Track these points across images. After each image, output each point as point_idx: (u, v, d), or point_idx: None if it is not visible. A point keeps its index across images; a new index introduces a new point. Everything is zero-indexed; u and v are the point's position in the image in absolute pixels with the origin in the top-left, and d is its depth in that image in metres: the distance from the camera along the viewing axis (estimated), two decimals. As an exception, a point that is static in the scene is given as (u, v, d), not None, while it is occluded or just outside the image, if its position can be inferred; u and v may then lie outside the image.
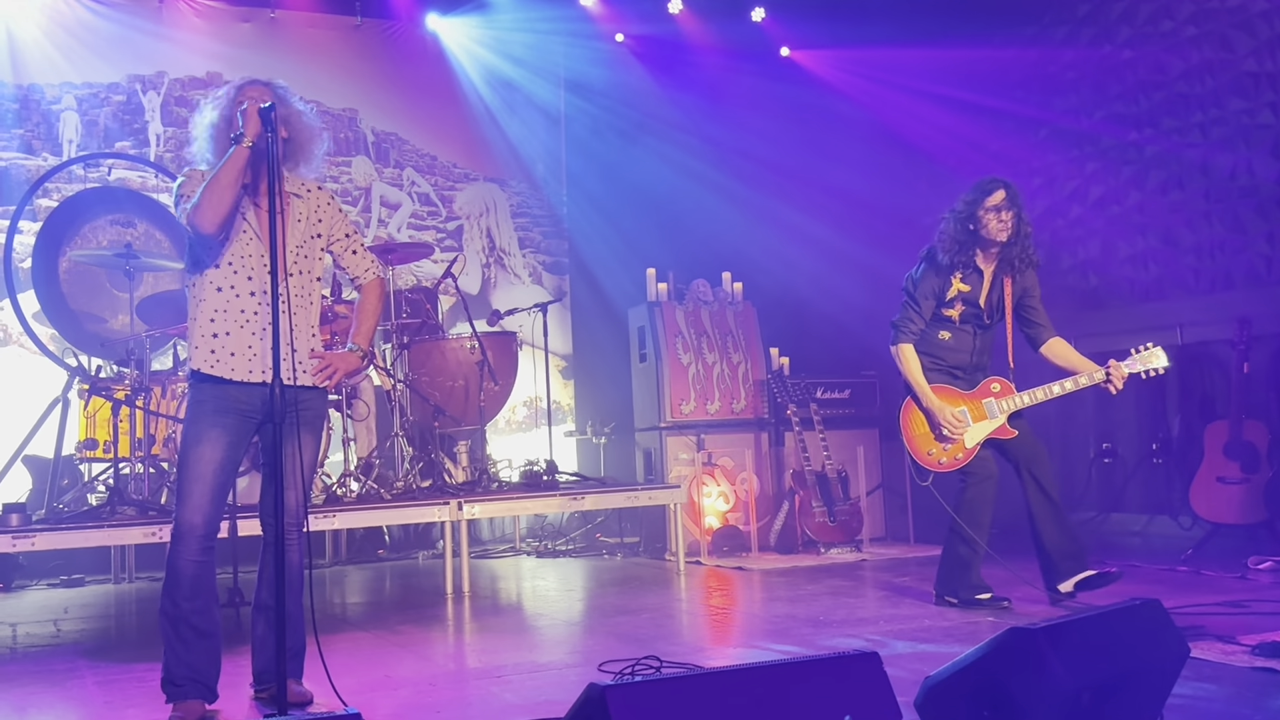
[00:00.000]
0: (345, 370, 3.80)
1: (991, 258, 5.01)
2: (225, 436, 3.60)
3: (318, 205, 3.82)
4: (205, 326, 3.62)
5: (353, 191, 9.29)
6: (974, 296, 5.02)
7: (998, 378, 5.03)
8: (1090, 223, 7.92)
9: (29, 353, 8.05)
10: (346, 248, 3.89)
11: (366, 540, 8.18)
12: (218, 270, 3.62)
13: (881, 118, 8.98)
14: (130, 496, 6.15)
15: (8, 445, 7.36)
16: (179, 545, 3.56)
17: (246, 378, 3.60)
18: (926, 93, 8.61)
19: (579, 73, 9.88)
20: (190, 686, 3.56)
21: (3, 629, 5.65)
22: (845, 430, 7.60)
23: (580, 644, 4.81)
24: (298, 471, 3.66)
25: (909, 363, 5.00)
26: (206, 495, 3.57)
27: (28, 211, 8.14)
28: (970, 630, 4.49)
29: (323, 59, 9.13)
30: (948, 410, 4.94)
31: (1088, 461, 7.93)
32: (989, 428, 4.98)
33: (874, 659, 2.53)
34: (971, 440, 4.97)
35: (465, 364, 7.24)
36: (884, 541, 7.57)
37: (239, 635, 4.94)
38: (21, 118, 8.26)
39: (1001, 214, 4.91)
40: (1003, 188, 4.94)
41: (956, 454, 4.99)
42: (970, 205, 4.98)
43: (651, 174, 9.32)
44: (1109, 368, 4.93)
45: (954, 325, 5.05)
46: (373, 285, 3.95)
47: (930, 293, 5.03)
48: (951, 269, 5.01)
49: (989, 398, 5.00)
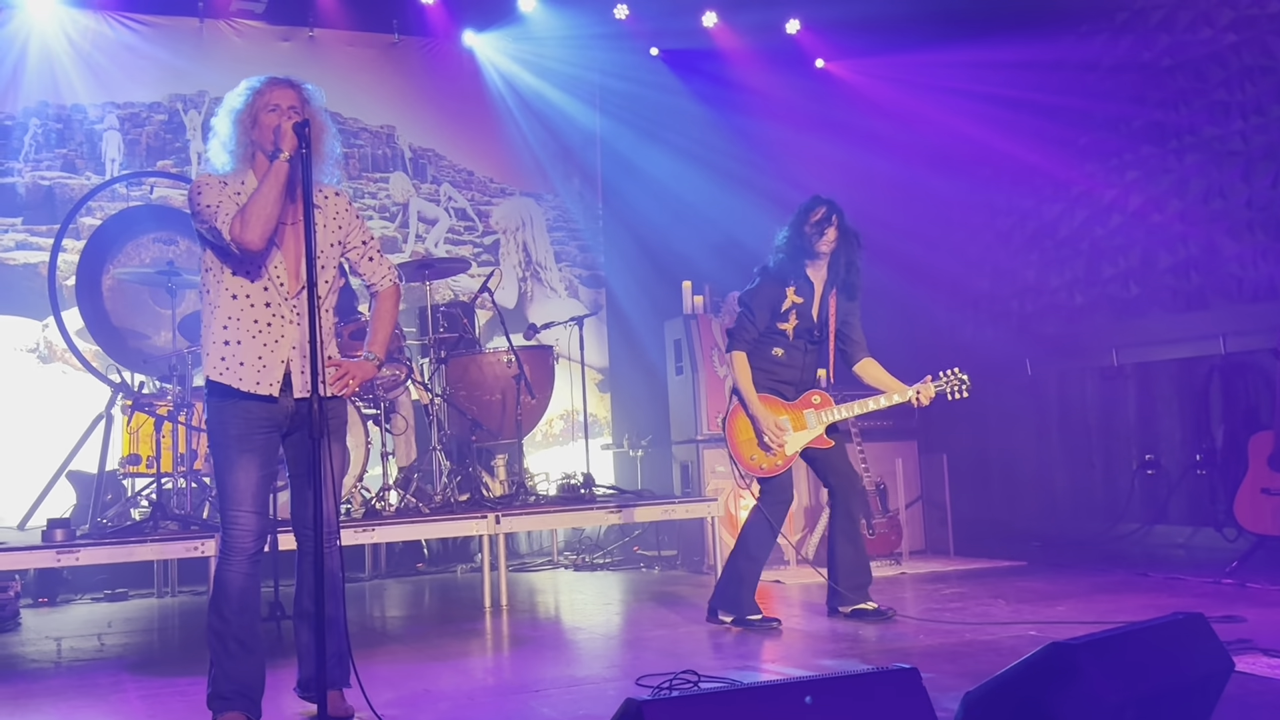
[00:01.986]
0: (362, 378, 3.78)
1: (820, 270, 5.26)
2: (256, 458, 3.61)
3: (336, 212, 3.79)
4: (218, 333, 3.61)
5: (390, 207, 9.36)
6: (807, 308, 5.25)
7: (818, 390, 5.29)
8: (1130, 232, 7.86)
9: (73, 369, 8.16)
10: (363, 254, 3.86)
11: (405, 554, 8.22)
12: (234, 278, 3.61)
13: (918, 129, 8.94)
14: (173, 511, 6.21)
15: (52, 461, 7.46)
16: (227, 561, 3.59)
17: (254, 389, 3.59)
18: (962, 103, 8.57)
19: (614, 87, 9.90)
20: (236, 700, 3.59)
21: (48, 643, 5.72)
22: (883, 443, 7.55)
23: (618, 658, 4.81)
24: (328, 481, 3.68)
25: (740, 370, 5.22)
26: (250, 515, 3.59)
27: (71, 230, 8.25)
28: (1012, 645, 4.45)
29: (361, 77, 9.22)
30: (770, 418, 5.16)
31: (1130, 473, 7.84)
32: (808, 437, 5.23)
33: (913, 674, 2.52)
34: (791, 448, 5.21)
35: (502, 378, 7.27)
36: (924, 555, 7.52)
37: (279, 649, 4.98)
38: (65, 137, 8.38)
39: (824, 228, 5.19)
40: (824, 205, 5.24)
41: (777, 461, 5.20)
42: (797, 223, 5.26)
43: (687, 187, 9.32)
44: (919, 386, 5.19)
45: (787, 342, 5.26)
46: (389, 292, 3.92)
47: (765, 304, 5.24)
48: (786, 281, 5.23)
49: (809, 409, 5.24)
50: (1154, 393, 7.78)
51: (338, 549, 3.78)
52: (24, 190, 8.24)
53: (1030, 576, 6.47)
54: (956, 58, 8.45)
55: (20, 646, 5.66)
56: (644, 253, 9.55)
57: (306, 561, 3.71)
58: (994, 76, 8.36)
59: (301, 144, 3.45)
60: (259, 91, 3.63)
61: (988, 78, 8.39)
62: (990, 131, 8.49)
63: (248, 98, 3.64)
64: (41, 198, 8.29)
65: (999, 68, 8.31)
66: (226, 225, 3.51)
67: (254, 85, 3.66)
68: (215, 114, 3.73)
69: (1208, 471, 7.28)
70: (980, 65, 8.37)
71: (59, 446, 7.49)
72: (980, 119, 8.51)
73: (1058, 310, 8.45)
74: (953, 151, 8.84)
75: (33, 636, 5.94)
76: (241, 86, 3.69)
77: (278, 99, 3.60)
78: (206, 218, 3.55)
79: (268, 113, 3.58)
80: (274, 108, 3.59)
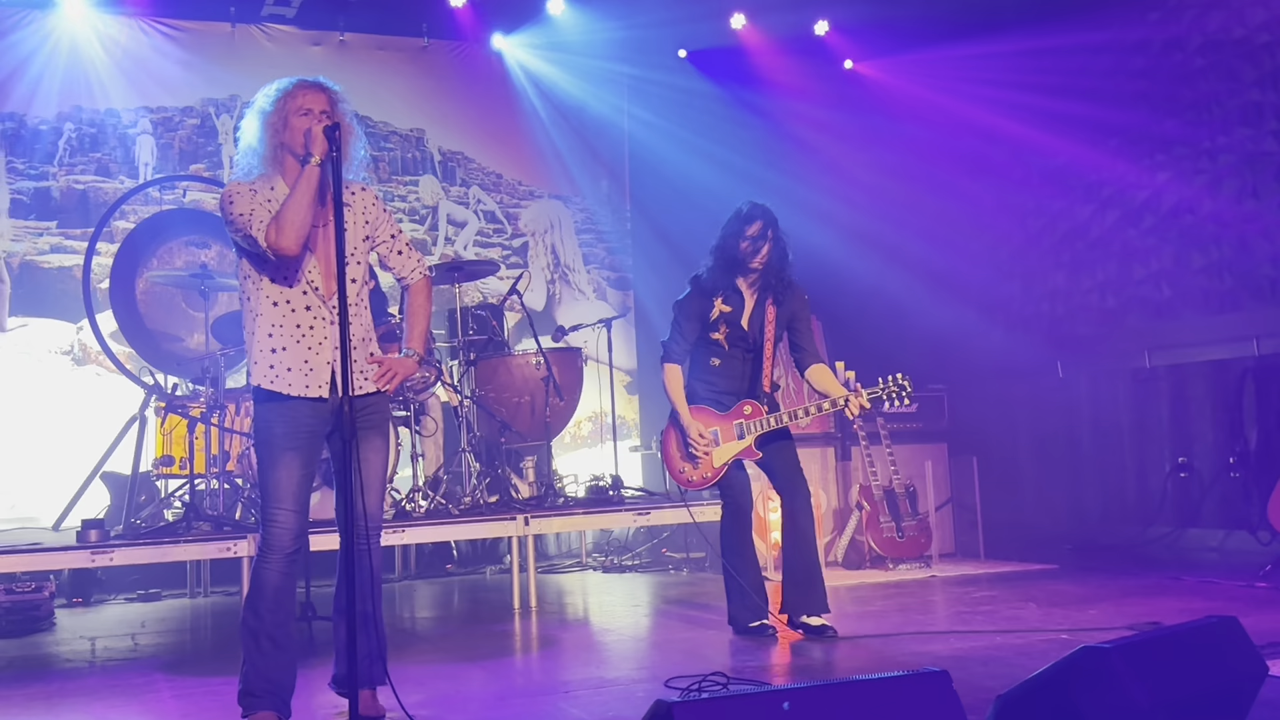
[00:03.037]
0: (404, 374, 3.79)
1: (752, 282, 5.16)
2: (299, 457, 3.64)
3: (365, 207, 3.81)
4: (264, 342, 3.64)
5: (420, 210, 9.40)
6: (735, 318, 5.14)
7: (750, 401, 5.12)
8: (1163, 234, 7.80)
9: (107, 371, 8.24)
10: (393, 248, 3.88)
11: (435, 555, 8.25)
12: (273, 285, 3.64)
13: (948, 130, 8.91)
14: (205, 512, 6.26)
15: (87, 462, 7.54)
16: (266, 560, 3.63)
17: (304, 393, 3.63)
18: (992, 99, 8.53)
19: (641, 89, 9.91)
20: (267, 698, 3.61)
21: (82, 643, 5.78)
22: (913, 445, 7.53)
23: (647, 659, 4.82)
24: (371, 477, 3.72)
25: (669, 381, 5.15)
26: (290, 515, 3.62)
27: (105, 234, 8.34)
28: (1044, 649, 4.42)
29: (391, 80, 9.27)
30: (694, 428, 5.07)
31: (1163, 476, 7.78)
32: (736, 448, 5.08)
33: (944, 678, 2.51)
34: (719, 460, 5.08)
35: (531, 380, 7.29)
36: (954, 558, 7.49)
37: (311, 649, 5.02)
38: (99, 142, 8.47)
39: (757, 242, 5.06)
40: (760, 219, 5.09)
41: (705, 472, 5.10)
42: (731, 234, 5.13)
43: (715, 188, 9.30)
44: (850, 394, 5.02)
45: (723, 351, 5.16)
46: (420, 285, 3.93)
47: (693, 314, 5.16)
48: (714, 292, 5.14)
49: (740, 419, 5.10)
50: (1187, 395, 7.72)
51: (378, 547, 3.81)
52: (58, 194, 8.33)
53: (1061, 580, 6.43)
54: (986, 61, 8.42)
55: (55, 646, 5.72)
56: (672, 255, 9.53)
57: (345, 560, 3.73)
58: (1024, 78, 8.32)
59: (332, 148, 3.48)
60: (289, 94, 3.65)
61: (1017, 79, 8.35)
62: (1021, 133, 8.45)
63: (277, 100, 3.65)
64: (76, 202, 8.38)
65: (1029, 69, 8.27)
66: (261, 233, 3.53)
67: (283, 87, 3.68)
68: (245, 115, 3.75)
69: (1241, 474, 7.22)
70: (1010, 66, 8.33)
71: (93, 448, 7.56)
72: (1011, 121, 8.47)
73: (1089, 312, 8.40)
74: (983, 153, 8.81)
75: (67, 636, 6.00)
76: (271, 89, 3.70)
77: (308, 103, 3.62)
78: (241, 226, 3.57)
79: (298, 116, 3.61)
80: (305, 111, 3.61)
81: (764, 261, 5.09)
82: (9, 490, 7.83)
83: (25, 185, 8.24)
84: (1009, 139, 8.55)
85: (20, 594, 6.30)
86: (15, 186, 8.21)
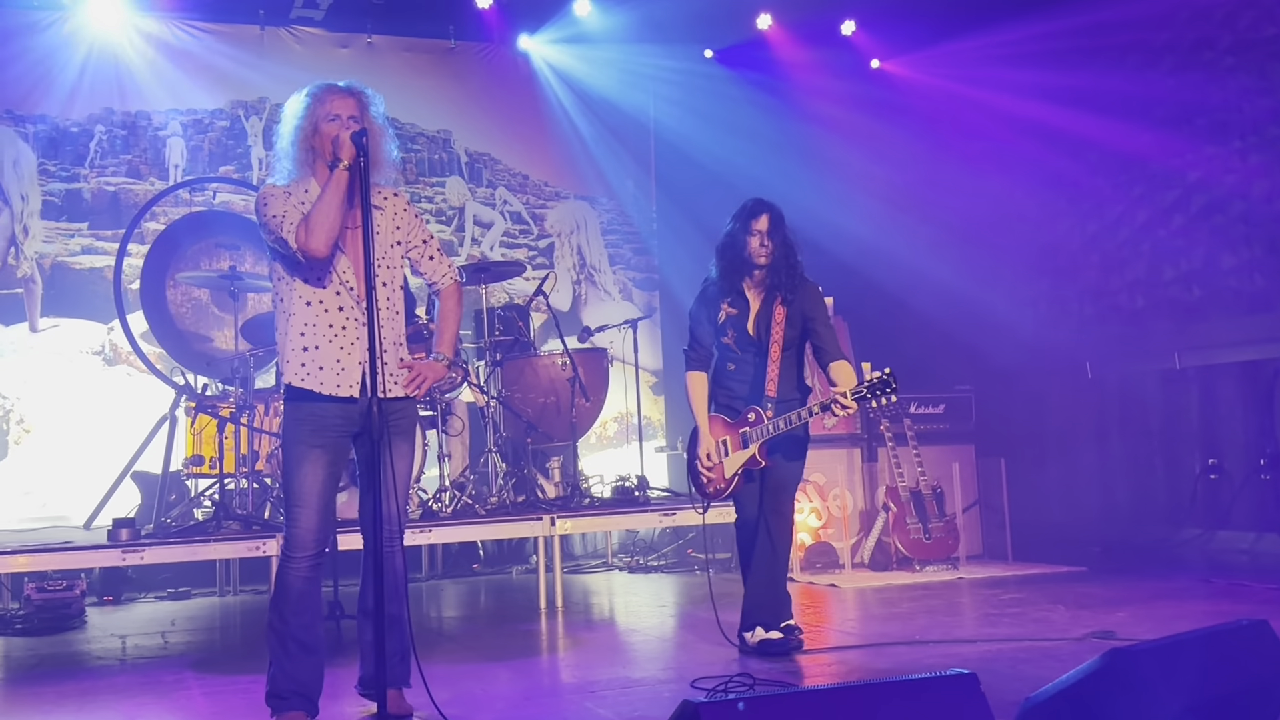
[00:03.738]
0: (434, 379, 3.83)
1: (758, 281, 4.91)
2: (325, 456, 3.67)
3: (396, 213, 3.85)
4: (296, 340, 3.68)
5: (447, 211, 9.44)
6: (741, 322, 4.90)
7: (754, 408, 4.84)
8: (1192, 234, 7.74)
9: (138, 371, 8.32)
10: (424, 253, 3.92)
11: (461, 555, 8.28)
12: (306, 285, 3.68)
13: (976, 129, 8.87)
14: (235, 511, 6.31)
15: (118, 462, 7.61)
16: (289, 562, 3.65)
17: (335, 392, 3.66)
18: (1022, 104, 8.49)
19: (668, 89, 9.91)
20: (295, 700, 3.64)
21: (113, 640, 5.83)
22: (940, 446, 7.49)
23: (673, 660, 4.82)
24: (396, 480, 3.74)
25: (690, 389, 4.97)
26: (314, 514, 3.65)
27: (136, 235, 8.41)
28: (1072, 651, 4.40)
29: (418, 82, 9.30)
30: (704, 446, 4.89)
31: (1193, 477, 7.72)
32: (744, 457, 4.85)
33: (972, 680, 2.50)
34: (729, 469, 4.87)
35: (557, 380, 7.31)
36: (981, 559, 7.45)
37: (338, 649, 5.04)
38: (129, 144, 8.55)
39: (765, 238, 4.83)
40: (767, 211, 4.87)
41: (719, 484, 4.91)
42: (735, 230, 4.92)
43: (741, 188, 9.24)
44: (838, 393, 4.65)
45: (735, 355, 4.93)
46: (451, 290, 3.97)
47: (703, 318, 4.98)
48: (720, 296, 4.94)
49: (745, 427, 4.85)
50: (1217, 396, 7.65)
51: (400, 548, 3.82)
52: (90, 196, 8.41)
53: (1090, 582, 6.39)
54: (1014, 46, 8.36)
55: (86, 644, 5.77)
56: (697, 256, 9.50)
57: (369, 561, 3.76)
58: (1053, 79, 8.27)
59: (360, 154, 3.52)
60: (319, 98, 3.69)
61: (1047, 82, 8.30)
62: (1050, 134, 8.40)
63: (308, 104, 3.69)
64: (107, 203, 8.46)
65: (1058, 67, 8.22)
66: (292, 235, 3.58)
67: (313, 92, 3.71)
68: (278, 120, 3.79)
69: (1272, 476, 7.15)
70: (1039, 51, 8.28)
71: (124, 447, 7.63)
72: (1040, 122, 8.43)
73: (1119, 312, 8.35)
74: (1013, 153, 8.76)
75: (98, 634, 6.06)
76: (302, 93, 3.74)
77: (337, 108, 3.65)
78: (273, 228, 3.62)
79: (327, 122, 3.64)
80: (334, 117, 3.64)
81: (771, 259, 4.83)
82: (41, 489, 7.92)
83: (57, 187, 8.32)
84: (1038, 141, 8.50)
85: (52, 592, 6.37)
86: (47, 188, 8.29)
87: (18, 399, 8.02)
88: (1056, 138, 8.40)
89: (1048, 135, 8.45)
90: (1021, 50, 8.37)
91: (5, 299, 8.12)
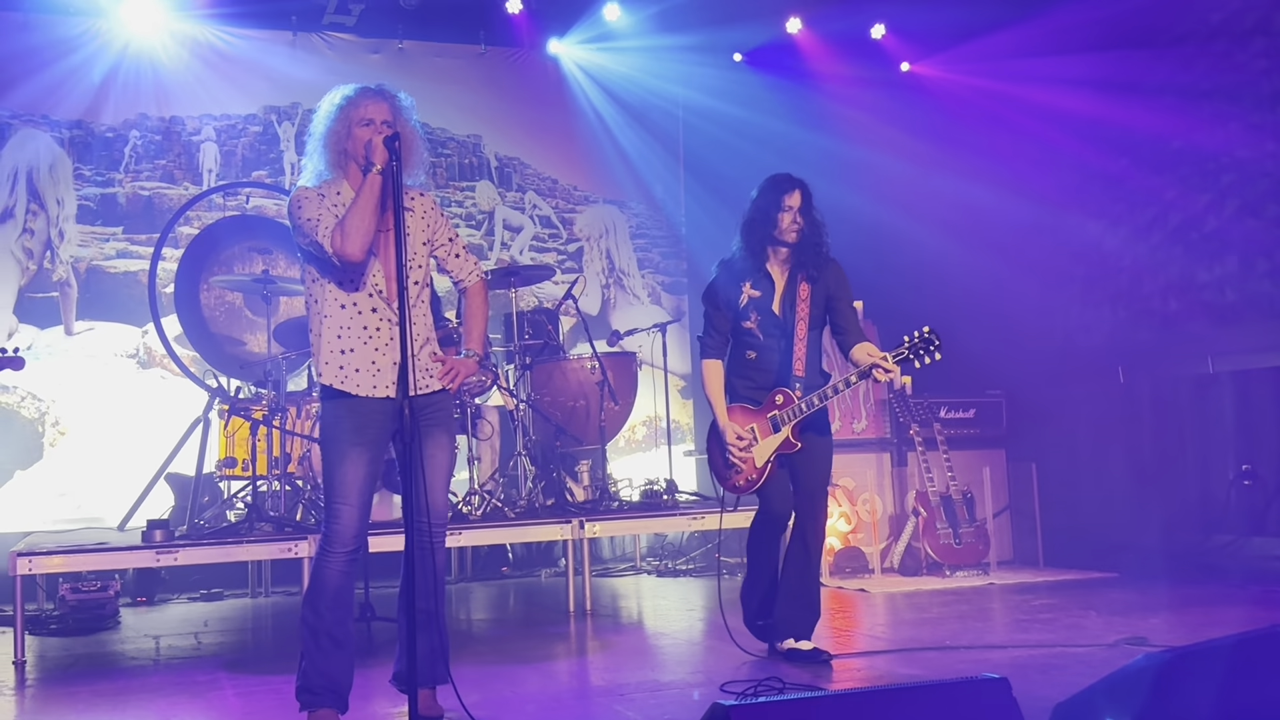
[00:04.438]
0: (466, 373, 3.87)
1: (784, 260, 4.71)
2: (365, 454, 3.71)
3: (425, 212, 3.89)
4: (333, 343, 3.73)
5: (477, 215, 9.48)
6: (766, 303, 4.69)
7: (781, 390, 4.62)
8: (1226, 237, 7.67)
9: (172, 374, 8.39)
10: (450, 251, 3.96)
11: (491, 557, 8.31)
12: (340, 289, 3.73)
13: (1007, 124, 8.82)
14: (267, 513, 6.35)
15: (151, 464, 7.68)
16: (327, 557, 3.69)
17: (371, 393, 3.71)
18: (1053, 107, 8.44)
19: (697, 93, 9.91)
20: (326, 695, 3.68)
21: (147, 641, 5.89)
22: (970, 450, 7.46)
23: (702, 664, 4.82)
24: (437, 473, 3.78)
25: (706, 378, 4.75)
26: (354, 511, 3.69)
27: (170, 239, 8.50)
28: (1104, 657, 4.37)
29: (448, 87, 9.35)
30: (731, 431, 4.63)
31: (1227, 484, 7.65)
32: (775, 442, 4.61)
33: (1003, 684, 2.49)
34: (760, 458, 4.63)
35: (586, 384, 7.32)
36: (1012, 565, 7.41)
37: (369, 650, 5.07)
38: (164, 149, 8.64)
39: (797, 214, 4.63)
40: (799, 186, 4.68)
41: (750, 474, 4.66)
42: (764, 205, 4.69)
43: (770, 194, 9.29)
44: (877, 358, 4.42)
45: (758, 341, 4.70)
46: (477, 288, 4.02)
47: (722, 302, 4.75)
48: (742, 276, 4.71)
49: (773, 411, 4.62)
50: (1251, 401, 7.58)
51: (443, 543, 3.86)
52: (124, 200, 8.50)
53: (1122, 588, 6.35)
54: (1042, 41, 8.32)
55: (120, 644, 5.83)
56: (727, 260, 9.54)
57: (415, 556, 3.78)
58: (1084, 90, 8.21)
59: (392, 158, 3.55)
60: (353, 102, 3.72)
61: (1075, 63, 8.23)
62: (1082, 137, 8.35)
63: (341, 108, 3.73)
64: (141, 208, 8.55)
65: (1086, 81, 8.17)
66: (328, 239, 3.62)
67: (348, 95, 3.75)
68: (311, 121, 3.83)
69: (1309, 482, 7.08)
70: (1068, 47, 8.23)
71: (158, 449, 7.70)
72: (1071, 125, 8.38)
73: (1151, 316, 8.28)
74: (1044, 155, 8.71)
75: (132, 635, 6.12)
76: (335, 95, 3.77)
77: (370, 113, 3.69)
78: (308, 231, 3.66)
79: (361, 126, 3.68)
80: (367, 121, 3.68)
81: (800, 235, 4.64)
82: (75, 491, 8.01)
83: (92, 192, 8.42)
84: (1070, 143, 8.45)
85: (86, 593, 6.44)
86: (82, 193, 8.39)
87: (53, 401, 8.11)
88: (1086, 146, 8.34)
89: (1078, 143, 8.39)
90: (1057, 42, 8.30)
91: (41, 302, 8.22)
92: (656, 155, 10.05)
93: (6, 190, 8.21)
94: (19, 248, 8.21)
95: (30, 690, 4.77)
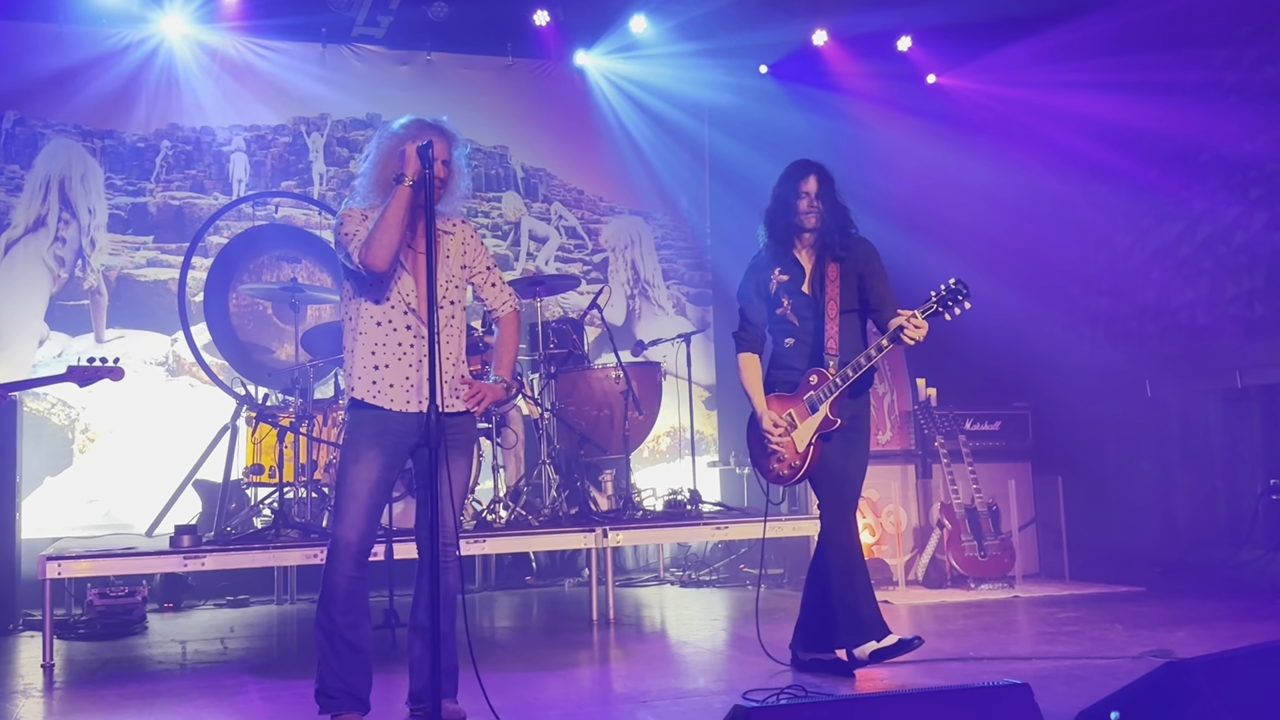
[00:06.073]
0: (492, 399, 3.95)
1: (809, 244, 4.73)
2: (381, 458, 3.75)
3: (464, 240, 3.98)
4: (366, 359, 3.79)
5: (503, 226, 9.52)
6: (795, 286, 4.69)
7: (815, 370, 4.58)
8: (1255, 250, 7.62)
9: (201, 382, 8.47)
10: (487, 280, 4.04)
11: (514, 566, 8.33)
12: (376, 305, 3.80)
13: (1031, 144, 8.80)
14: (294, 520, 6.39)
15: (180, 470, 7.74)
16: (335, 561, 3.72)
17: (404, 408, 3.77)
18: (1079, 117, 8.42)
19: (723, 105, 9.94)
20: (344, 699, 3.71)
21: (173, 646, 5.93)
22: (995, 463, 7.44)
23: (724, 672, 4.82)
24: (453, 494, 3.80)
25: (742, 372, 4.72)
26: (362, 513, 3.72)
27: (200, 248, 8.58)
28: (1129, 669, 4.34)
29: (476, 99, 9.41)
30: (768, 418, 4.58)
31: (1254, 498, 7.58)
32: (815, 423, 4.53)
33: (1025, 691, 2.49)
34: (800, 442, 4.56)
35: (610, 394, 7.34)
36: (1038, 578, 7.37)
37: (393, 656, 5.09)
38: (194, 159, 8.72)
39: (815, 199, 4.67)
40: (815, 171, 4.73)
41: (793, 461, 4.58)
42: (782, 194, 4.75)
43: (795, 205, 9.29)
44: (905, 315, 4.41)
45: (793, 328, 4.68)
46: (510, 318, 4.08)
47: (753, 292, 4.76)
48: (772, 262, 4.74)
49: (809, 392, 4.57)
50: (1279, 416, 7.51)
51: (456, 563, 3.87)
52: (155, 210, 8.59)
53: (1148, 602, 6.31)
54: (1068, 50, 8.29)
55: (147, 649, 5.88)
56: (751, 271, 9.54)
57: (424, 575, 3.81)
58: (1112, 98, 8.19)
59: (425, 165, 3.59)
60: (408, 129, 3.82)
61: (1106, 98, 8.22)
62: (1108, 148, 8.32)
63: (396, 134, 3.83)
64: (171, 217, 8.64)
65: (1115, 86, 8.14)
66: (357, 250, 3.67)
67: (405, 123, 3.86)
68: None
69: (1337, 497, 7.01)
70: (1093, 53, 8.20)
71: (186, 456, 7.76)
72: (1098, 135, 8.35)
73: (1179, 330, 8.22)
74: (1069, 168, 8.68)
75: (159, 639, 6.17)
76: (394, 123, 3.88)
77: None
78: (344, 244, 3.76)
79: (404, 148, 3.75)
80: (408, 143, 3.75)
81: (819, 219, 4.66)
82: (104, 497, 8.08)
83: (123, 201, 8.51)
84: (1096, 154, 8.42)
85: (114, 598, 6.50)
86: (114, 202, 8.48)
87: (83, 408, 8.19)
88: (1114, 157, 8.30)
89: (1105, 155, 8.35)
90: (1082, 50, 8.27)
91: (72, 310, 8.31)
92: (683, 166, 10.08)
93: (39, 199, 8.32)
94: (51, 256, 8.31)
95: (58, 693, 4.81)
